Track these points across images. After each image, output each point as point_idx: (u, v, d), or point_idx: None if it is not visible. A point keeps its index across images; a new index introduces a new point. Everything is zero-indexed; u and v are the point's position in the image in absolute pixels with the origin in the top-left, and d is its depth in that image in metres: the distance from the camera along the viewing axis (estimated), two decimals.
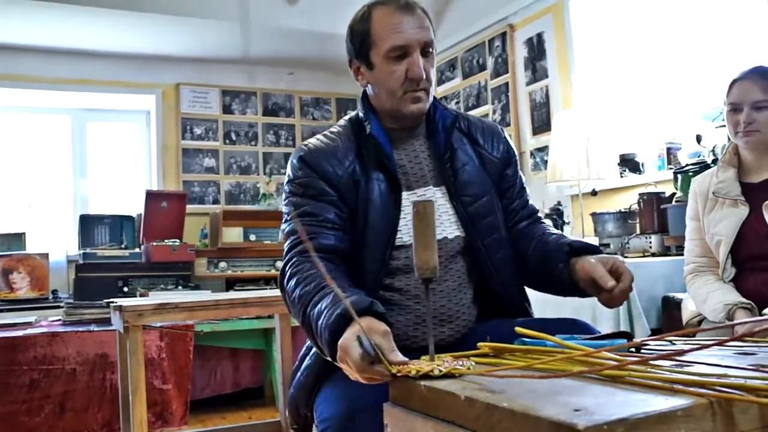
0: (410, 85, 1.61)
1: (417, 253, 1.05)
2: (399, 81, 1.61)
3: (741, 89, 2.32)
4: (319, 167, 1.63)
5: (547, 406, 0.74)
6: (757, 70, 2.35)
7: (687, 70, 4.01)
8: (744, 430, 0.77)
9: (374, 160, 1.65)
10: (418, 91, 1.62)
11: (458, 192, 1.68)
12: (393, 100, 1.64)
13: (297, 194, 1.64)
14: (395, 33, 1.59)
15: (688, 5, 4.01)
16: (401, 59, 1.60)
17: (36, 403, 3.57)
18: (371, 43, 1.63)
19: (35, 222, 5.54)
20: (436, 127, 1.72)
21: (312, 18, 5.28)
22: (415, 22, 1.60)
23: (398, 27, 1.59)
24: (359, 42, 1.66)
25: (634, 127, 4.33)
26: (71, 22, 4.92)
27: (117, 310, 2.75)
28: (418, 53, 1.59)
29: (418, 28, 1.60)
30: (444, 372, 0.93)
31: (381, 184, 1.64)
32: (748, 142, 2.33)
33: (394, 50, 1.59)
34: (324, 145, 1.68)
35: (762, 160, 2.38)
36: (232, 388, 4.80)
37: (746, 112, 2.29)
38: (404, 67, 1.60)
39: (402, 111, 1.64)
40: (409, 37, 1.59)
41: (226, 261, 5.37)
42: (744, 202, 2.35)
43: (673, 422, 0.71)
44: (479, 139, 1.78)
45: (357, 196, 1.62)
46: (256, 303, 2.99)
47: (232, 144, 6.13)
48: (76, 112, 5.90)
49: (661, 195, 3.57)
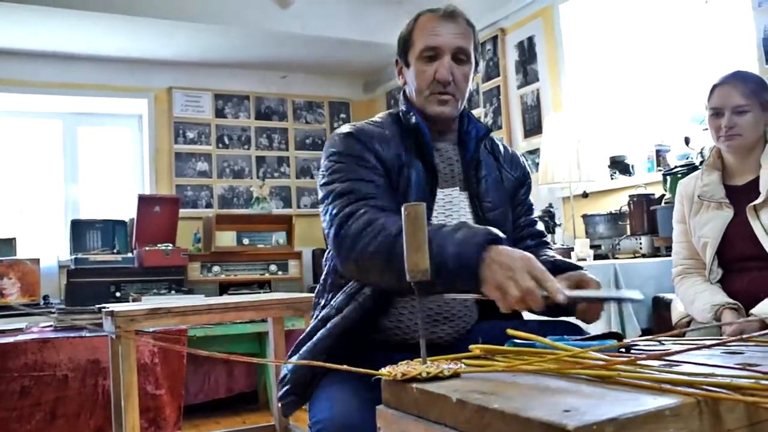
0: (436, 87, 1.68)
1: (408, 255, 1.05)
2: (427, 81, 1.69)
3: (722, 94, 2.37)
4: (370, 144, 1.67)
5: (537, 407, 0.74)
6: (736, 75, 2.40)
7: (675, 73, 4.05)
8: (731, 428, 0.77)
9: (416, 150, 1.70)
10: (444, 94, 1.69)
11: (480, 198, 1.76)
12: (420, 99, 1.72)
13: (345, 164, 1.63)
14: (430, 35, 1.69)
15: (675, 9, 4.05)
16: (432, 60, 1.69)
17: (27, 410, 3.53)
18: (411, 43, 1.73)
19: (26, 227, 5.52)
20: (468, 136, 1.79)
21: (305, 22, 5.29)
22: (452, 28, 1.70)
23: (434, 30, 1.69)
24: (403, 42, 1.77)
25: (623, 130, 4.37)
26: (62, 26, 4.91)
27: (109, 315, 2.74)
28: (448, 57, 1.68)
29: (454, 34, 1.69)
30: (432, 374, 0.94)
31: (420, 174, 1.69)
32: (730, 146, 2.38)
33: (427, 50, 1.68)
34: (371, 127, 1.73)
35: (744, 163, 2.42)
36: (225, 392, 4.79)
37: (727, 117, 2.34)
38: (433, 69, 1.68)
39: (427, 110, 1.72)
40: (442, 40, 1.68)
41: (220, 265, 5.37)
42: (728, 204, 2.39)
43: (661, 421, 0.72)
44: (500, 158, 1.87)
45: (399, 181, 1.66)
46: (250, 307, 2.99)
47: (225, 148, 6.13)
48: (67, 116, 5.89)
49: (651, 196, 3.60)
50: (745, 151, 2.39)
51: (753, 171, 2.39)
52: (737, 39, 3.64)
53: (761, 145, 2.39)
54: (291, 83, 6.41)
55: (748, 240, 2.30)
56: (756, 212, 2.30)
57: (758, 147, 2.39)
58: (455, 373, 0.95)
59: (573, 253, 3.53)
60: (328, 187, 1.62)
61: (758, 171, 2.36)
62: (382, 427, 0.97)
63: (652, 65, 4.22)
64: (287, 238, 5.67)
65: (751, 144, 2.37)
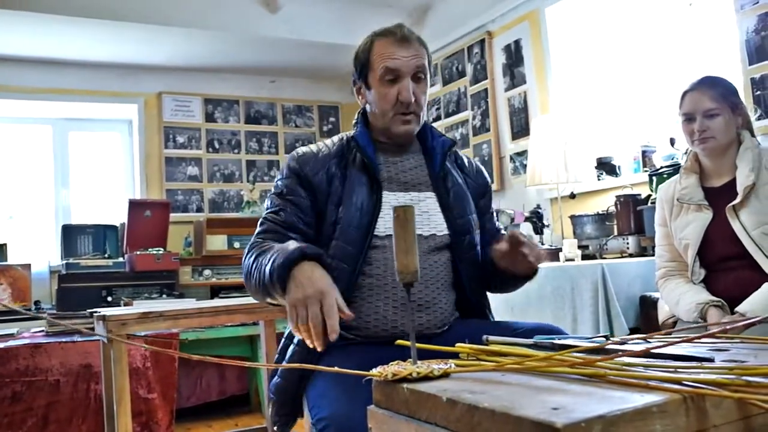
0: (400, 108, 1.79)
1: (398, 257, 1.05)
2: (390, 103, 1.79)
3: (692, 99, 2.43)
4: (302, 171, 1.82)
5: (526, 406, 0.75)
6: (704, 80, 2.46)
7: (660, 75, 4.10)
8: (716, 423, 0.79)
9: (358, 163, 1.83)
10: (407, 114, 1.80)
11: (450, 207, 1.87)
12: (385, 120, 1.83)
13: (275, 194, 1.84)
14: (389, 59, 1.78)
15: (660, 12, 4.10)
16: (393, 83, 1.78)
17: (18, 416, 3.51)
18: (369, 67, 1.82)
19: (17, 233, 5.49)
20: (434, 151, 1.91)
21: (293, 26, 5.29)
22: (409, 50, 1.79)
23: (393, 54, 1.78)
24: (360, 65, 1.86)
25: (610, 132, 4.41)
26: (52, 32, 4.89)
27: (100, 319, 2.74)
28: (408, 79, 1.78)
29: (413, 56, 1.79)
30: (422, 375, 0.95)
31: (362, 183, 1.80)
32: (705, 148, 2.43)
33: (387, 73, 1.78)
34: (309, 150, 1.87)
35: (721, 165, 2.47)
36: (218, 395, 4.79)
37: (699, 121, 2.40)
38: (396, 91, 1.78)
39: (392, 130, 1.83)
40: (402, 63, 1.77)
41: (211, 269, 5.37)
42: (707, 206, 2.44)
43: (648, 418, 0.73)
44: (465, 169, 2.02)
45: (329, 192, 1.79)
46: (241, 310, 2.98)
47: (215, 152, 6.13)
48: (58, 121, 5.87)
49: (637, 197, 3.64)
50: (719, 153, 2.44)
51: (729, 172, 2.44)
52: (721, 40, 3.69)
53: (735, 146, 2.44)
54: (280, 87, 6.41)
55: (729, 240, 2.34)
56: (735, 212, 2.35)
57: (732, 149, 2.44)
58: (445, 373, 0.96)
59: (561, 253, 3.55)
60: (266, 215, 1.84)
61: (734, 172, 2.41)
62: (373, 427, 0.98)
63: (638, 67, 4.26)
64: None
65: (724, 146, 2.43)
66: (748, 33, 3.39)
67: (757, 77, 3.36)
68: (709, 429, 0.78)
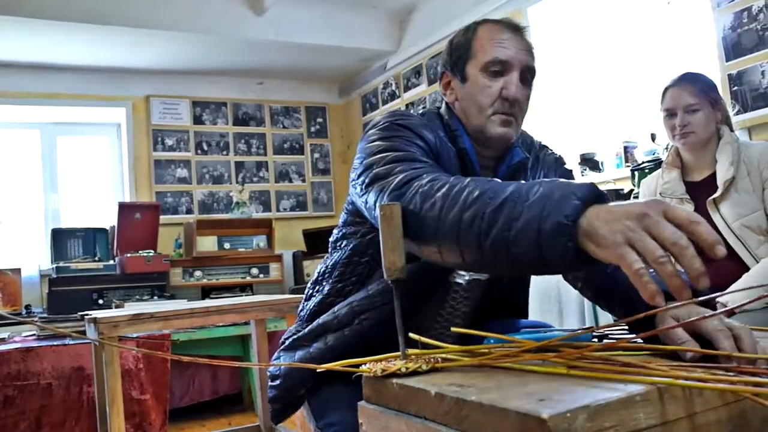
0: (501, 105, 1.49)
1: (385, 254, 1.04)
2: (491, 98, 1.49)
3: (673, 95, 2.50)
4: (415, 128, 1.45)
5: (512, 398, 0.76)
6: (685, 77, 2.53)
7: (640, 71, 4.17)
8: (698, 411, 0.80)
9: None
10: (509, 115, 1.49)
11: None
12: (480, 118, 1.50)
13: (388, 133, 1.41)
14: (499, 47, 1.49)
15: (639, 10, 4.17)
16: (498, 76, 1.49)
17: (11, 420, 3.50)
18: (471, 54, 1.52)
19: (6, 237, 5.48)
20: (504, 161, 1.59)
21: (279, 28, 5.30)
22: (522, 43, 1.52)
23: (504, 42, 1.49)
24: (458, 53, 1.55)
25: (592, 128, 4.48)
26: (39, 36, 4.88)
27: (92, 322, 2.74)
28: (517, 74, 1.49)
29: (524, 50, 1.52)
30: (411, 369, 0.96)
31: None
32: (686, 143, 2.50)
33: (494, 63, 1.48)
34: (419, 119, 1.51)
35: (701, 160, 2.53)
36: (210, 395, 4.80)
37: (680, 116, 2.46)
38: (500, 85, 1.48)
39: (487, 131, 1.50)
40: (512, 53, 1.49)
41: (201, 270, 5.38)
42: (689, 200, 2.50)
43: (632, 407, 0.74)
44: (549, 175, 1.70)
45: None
46: (232, 310, 3.00)
47: (203, 154, 6.13)
48: (46, 126, 5.85)
49: (620, 192, 3.72)
50: (700, 147, 2.50)
51: (710, 167, 2.50)
52: (699, 37, 3.76)
53: (715, 141, 2.50)
54: (268, 89, 6.42)
55: None
56: (716, 205, 2.41)
57: (712, 143, 2.50)
58: (434, 368, 0.97)
59: None
60: (378, 156, 1.34)
61: (714, 166, 2.47)
62: (364, 423, 0.98)
63: (619, 64, 4.33)
64: (268, 241, 5.68)
65: (705, 140, 2.48)
66: (725, 30, 3.44)
67: (734, 73, 3.41)
68: (692, 415, 0.80)
